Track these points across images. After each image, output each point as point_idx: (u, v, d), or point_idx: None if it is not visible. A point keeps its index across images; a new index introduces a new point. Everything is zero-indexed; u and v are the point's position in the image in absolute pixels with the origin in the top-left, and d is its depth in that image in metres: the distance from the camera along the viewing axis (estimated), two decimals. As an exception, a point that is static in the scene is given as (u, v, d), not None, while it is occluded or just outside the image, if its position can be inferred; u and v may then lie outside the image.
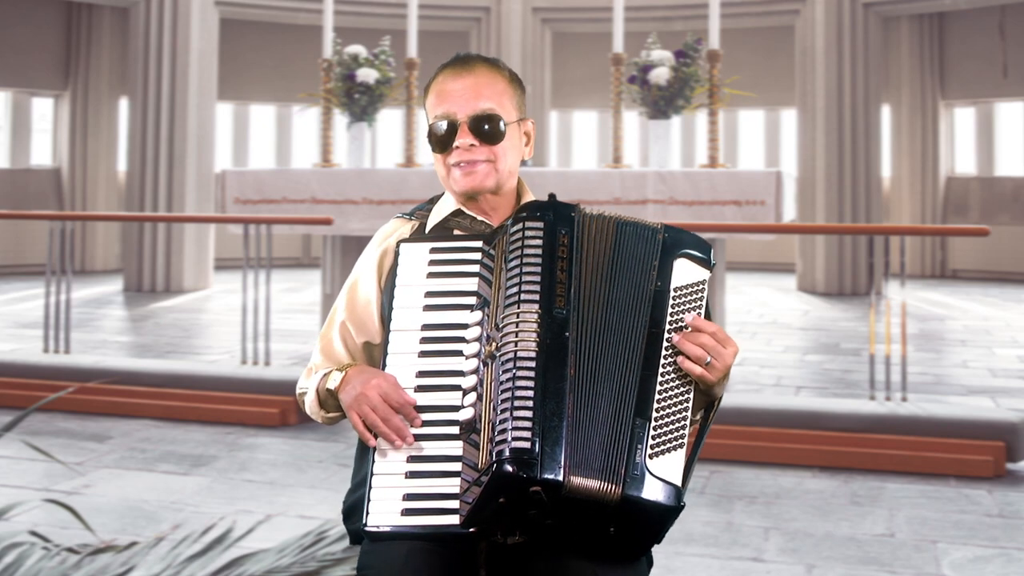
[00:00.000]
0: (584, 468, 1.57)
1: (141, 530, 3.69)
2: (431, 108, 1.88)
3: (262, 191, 6.90)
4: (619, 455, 1.59)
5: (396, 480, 1.64)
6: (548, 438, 1.55)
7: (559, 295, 1.65)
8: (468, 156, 1.83)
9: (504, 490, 1.54)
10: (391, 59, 7.32)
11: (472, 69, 1.86)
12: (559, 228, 1.70)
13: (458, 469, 1.62)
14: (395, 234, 1.92)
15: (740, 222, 6.03)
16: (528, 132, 1.92)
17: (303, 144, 13.78)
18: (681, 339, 1.68)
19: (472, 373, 1.66)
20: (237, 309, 6.96)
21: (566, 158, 14.03)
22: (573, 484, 1.55)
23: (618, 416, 1.62)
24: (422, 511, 1.61)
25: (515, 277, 1.66)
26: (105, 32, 12.98)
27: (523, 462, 1.53)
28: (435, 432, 1.66)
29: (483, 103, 1.84)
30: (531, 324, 1.62)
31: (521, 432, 1.54)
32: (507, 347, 1.61)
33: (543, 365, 1.59)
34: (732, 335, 1.76)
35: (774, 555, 3.52)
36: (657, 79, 6.52)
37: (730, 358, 1.69)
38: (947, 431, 4.61)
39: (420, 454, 1.65)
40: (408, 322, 1.73)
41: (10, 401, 5.48)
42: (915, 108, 12.97)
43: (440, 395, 1.68)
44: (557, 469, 1.54)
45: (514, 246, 1.69)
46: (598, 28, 10.87)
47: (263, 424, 5.25)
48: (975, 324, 9.03)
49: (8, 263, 12.11)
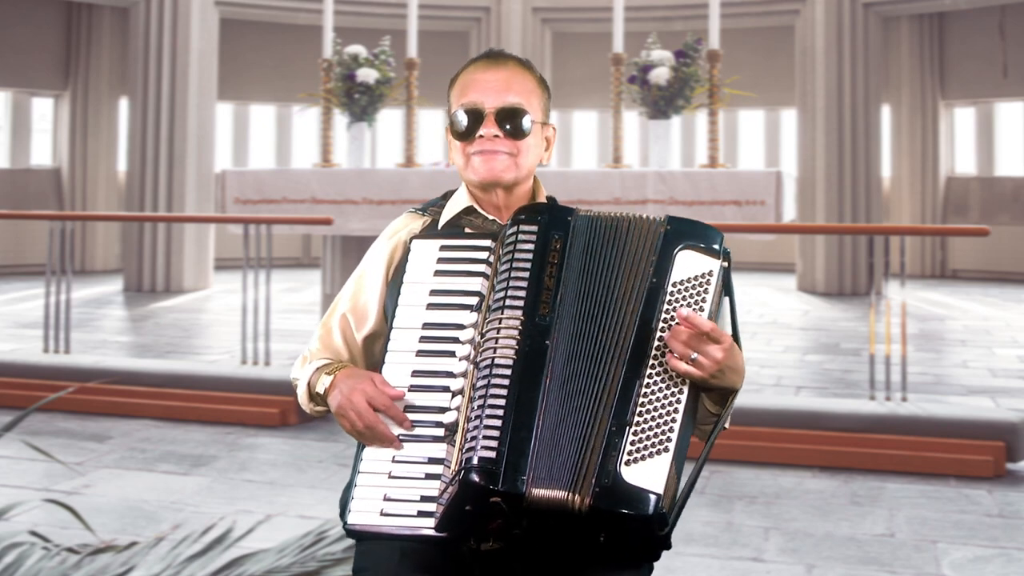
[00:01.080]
0: (549, 479, 1.54)
1: (141, 530, 3.69)
2: (457, 97, 1.86)
3: (262, 191, 6.90)
4: (589, 464, 1.55)
5: (380, 479, 1.64)
6: (514, 448, 1.53)
7: (544, 302, 1.63)
8: (491, 146, 1.82)
9: (469, 498, 1.54)
10: (391, 59, 7.32)
11: (504, 64, 1.86)
12: (552, 233, 1.68)
13: (439, 472, 1.61)
14: (406, 229, 1.90)
15: (740, 222, 6.03)
16: (549, 138, 1.91)
17: (303, 144, 13.78)
18: (669, 336, 1.62)
19: (461, 376, 1.65)
20: (237, 309, 6.96)
21: (566, 158, 14.03)
22: (534, 496, 1.53)
23: (594, 423, 1.58)
24: (399, 514, 1.61)
25: (503, 282, 1.65)
26: (105, 32, 12.99)
27: (487, 472, 1.52)
28: (422, 434, 1.65)
29: (511, 97, 1.83)
30: (512, 331, 1.61)
31: (488, 442, 1.53)
32: (486, 353, 1.60)
33: (519, 374, 1.58)
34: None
35: (774, 555, 3.52)
36: (657, 79, 6.52)
37: (720, 353, 1.60)
38: (947, 431, 4.61)
39: (405, 456, 1.64)
40: (410, 320, 1.72)
41: (10, 401, 5.48)
42: (915, 108, 12.97)
43: (431, 396, 1.67)
44: (519, 481, 1.52)
45: (507, 250, 1.68)
46: (598, 28, 10.87)
47: (263, 424, 5.25)
48: (975, 324, 9.03)
49: (8, 263, 12.11)
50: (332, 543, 1.98)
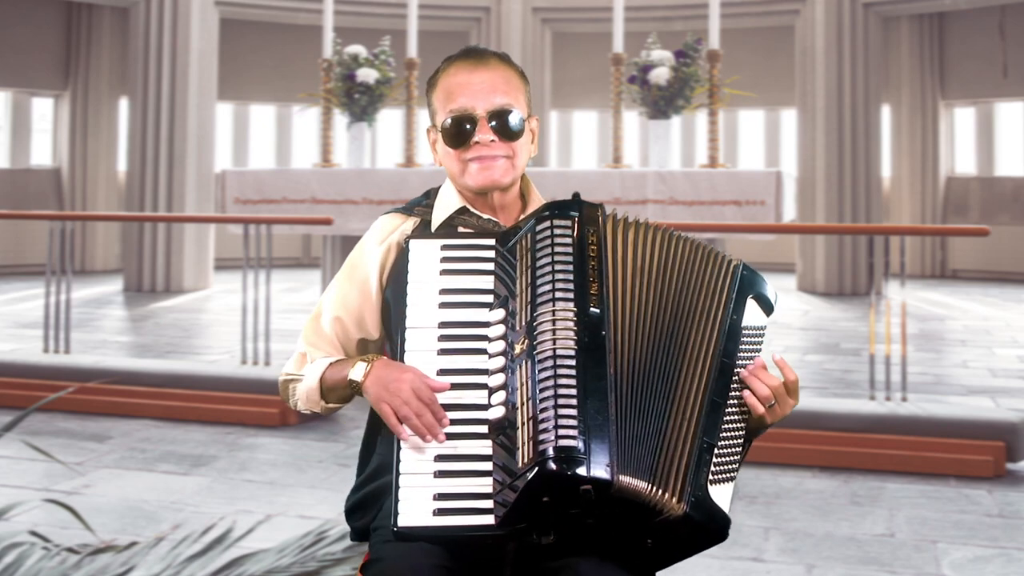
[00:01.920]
0: (632, 469, 1.55)
1: (141, 530, 3.69)
2: (443, 102, 1.84)
3: (262, 191, 6.90)
4: (682, 470, 1.59)
5: (425, 480, 1.59)
6: (594, 436, 1.53)
7: (592, 295, 1.63)
8: (488, 152, 1.80)
9: (549, 488, 1.51)
10: (391, 59, 7.33)
11: (487, 63, 1.83)
12: (587, 226, 1.69)
13: (488, 468, 1.58)
14: (397, 231, 1.88)
15: (740, 222, 6.03)
16: (534, 129, 1.90)
17: (303, 144, 13.78)
18: (751, 375, 1.69)
19: (499, 372, 1.62)
20: (237, 309, 6.96)
21: (566, 158, 14.02)
22: (621, 484, 1.53)
23: (677, 431, 1.61)
24: (455, 511, 1.57)
25: (547, 275, 1.63)
26: (105, 32, 12.98)
27: (571, 459, 1.50)
28: (462, 431, 1.62)
29: (500, 98, 1.81)
30: (568, 323, 1.59)
31: (567, 430, 1.51)
32: (544, 346, 1.58)
33: (582, 364, 1.57)
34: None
35: (774, 555, 3.52)
36: (657, 79, 6.53)
37: (788, 409, 1.71)
38: (947, 431, 4.61)
39: (449, 453, 1.61)
40: (424, 319, 1.70)
41: (10, 401, 5.48)
42: (915, 108, 12.96)
43: (465, 393, 1.64)
44: (605, 467, 1.52)
45: (543, 244, 1.66)
46: (598, 28, 10.87)
47: (263, 424, 5.25)
48: (975, 324, 9.03)
49: (8, 263, 12.11)
50: (332, 543, 1.99)
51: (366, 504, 1.81)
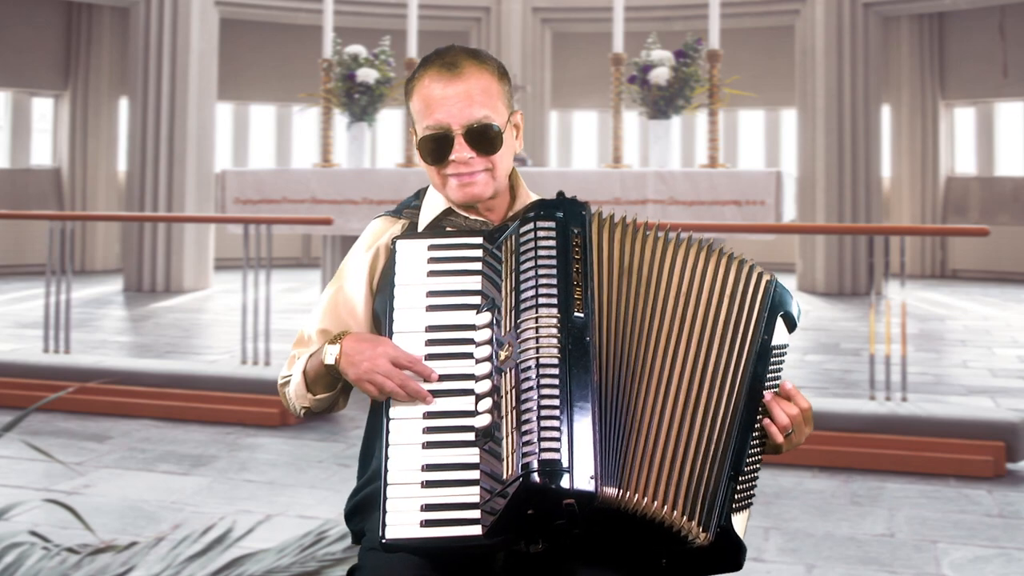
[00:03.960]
0: (614, 479, 1.53)
1: (141, 530, 3.69)
2: (420, 114, 1.80)
3: (262, 191, 6.91)
4: (707, 497, 1.58)
5: (412, 490, 1.55)
6: (578, 447, 1.50)
7: (576, 298, 1.58)
8: (466, 169, 1.77)
9: (533, 501, 1.49)
10: (391, 59, 7.33)
11: (461, 73, 1.77)
12: (571, 227, 1.64)
13: (476, 477, 1.55)
14: (386, 234, 1.85)
15: (740, 222, 6.03)
16: (517, 124, 1.85)
17: (303, 144, 13.78)
18: (773, 402, 1.66)
19: (485, 378, 1.59)
20: (237, 309, 6.96)
21: (566, 158, 14.02)
22: (605, 495, 1.51)
23: (704, 454, 1.59)
24: (442, 522, 1.53)
25: (530, 280, 1.59)
26: (105, 32, 12.98)
27: (553, 473, 1.47)
28: (450, 439, 1.58)
29: (477, 111, 1.75)
30: (551, 330, 1.55)
31: (550, 443, 1.48)
32: (527, 354, 1.54)
33: (566, 372, 1.53)
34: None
35: (774, 555, 3.52)
36: (657, 79, 6.53)
37: (803, 438, 1.70)
38: (947, 431, 4.61)
39: (437, 462, 1.57)
40: (412, 323, 1.66)
41: (10, 401, 5.48)
42: (915, 108, 12.96)
43: (452, 400, 1.61)
44: (589, 479, 1.48)
45: (526, 247, 1.62)
46: (598, 28, 10.87)
47: (263, 424, 5.25)
48: (975, 324, 9.03)
49: (8, 263, 12.11)
50: (332, 543, 1.98)
51: (365, 507, 1.80)
